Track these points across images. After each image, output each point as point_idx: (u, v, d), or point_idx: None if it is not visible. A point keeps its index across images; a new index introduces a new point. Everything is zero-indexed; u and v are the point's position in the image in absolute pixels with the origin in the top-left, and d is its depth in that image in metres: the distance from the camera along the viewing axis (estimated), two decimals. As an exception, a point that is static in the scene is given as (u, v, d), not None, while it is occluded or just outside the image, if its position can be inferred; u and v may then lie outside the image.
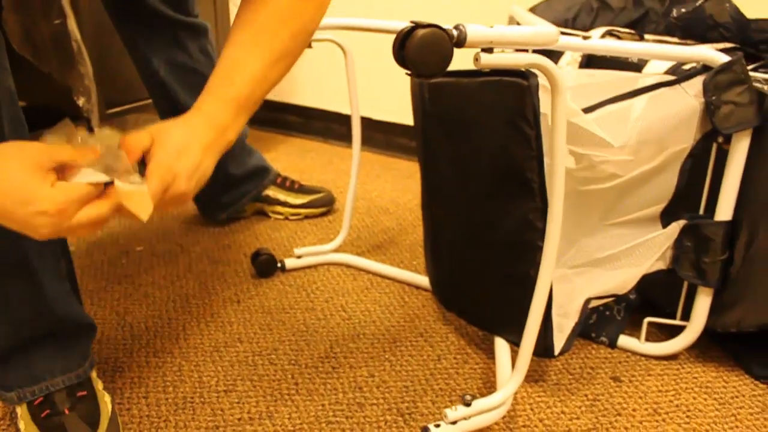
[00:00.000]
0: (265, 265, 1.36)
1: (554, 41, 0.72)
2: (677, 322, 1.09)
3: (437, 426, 0.85)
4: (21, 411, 0.92)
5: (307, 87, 2.24)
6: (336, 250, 1.42)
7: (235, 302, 1.27)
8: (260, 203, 1.62)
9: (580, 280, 1.01)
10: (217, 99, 0.74)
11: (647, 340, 1.12)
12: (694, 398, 1.03)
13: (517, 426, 0.96)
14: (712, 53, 0.94)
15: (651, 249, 1.02)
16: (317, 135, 2.24)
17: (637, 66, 1.11)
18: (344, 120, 2.16)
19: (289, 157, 2.09)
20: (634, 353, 1.12)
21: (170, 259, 1.43)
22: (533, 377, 1.06)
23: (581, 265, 1.02)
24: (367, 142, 2.14)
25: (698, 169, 1.00)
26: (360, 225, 1.61)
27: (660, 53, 0.98)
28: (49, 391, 0.91)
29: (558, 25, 1.28)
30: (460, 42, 0.66)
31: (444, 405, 1.00)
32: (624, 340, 1.13)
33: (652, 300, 1.17)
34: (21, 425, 0.91)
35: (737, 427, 0.97)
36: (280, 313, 1.23)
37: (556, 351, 0.97)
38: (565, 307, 0.99)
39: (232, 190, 1.56)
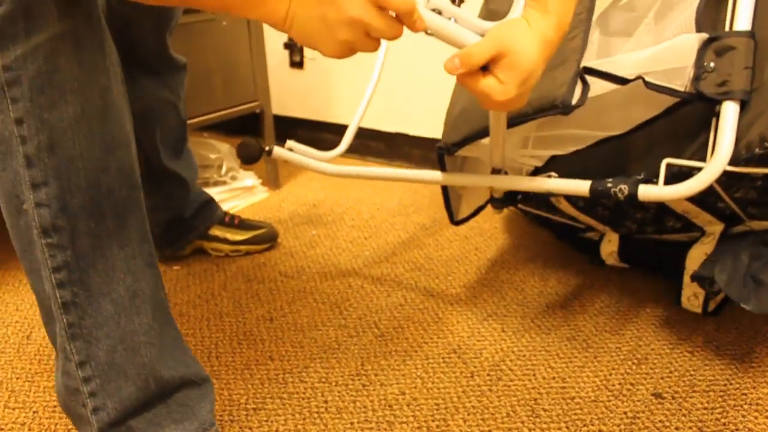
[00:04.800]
0: (248, 149, 1.23)
1: None
2: (697, 164, 0.95)
3: None
4: None
5: (343, 104, 2.24)
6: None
7: (268, 320, 1.26)
8: (200, 240, 1.54)
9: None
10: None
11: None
12: (744, 416, 0.97)
13: (552, 445, 0.93)
14: None
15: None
16: (354, 153, 2.24)
17: None
18: (382, 137, 2.16)
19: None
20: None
21: (206, 278, 1.44)
22: (569, 394, 1.03)
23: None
24: (405, 158, 2.14)
25: None
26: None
27: None
28: None
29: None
30: None
31: (475, 423, 0.97)
32: (643, 189, 0.98)
33: None
34: None
35: (790, 446, 0.91)
36: (312, 330, 1.22)
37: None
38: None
39: (181, 226, 1.50)
